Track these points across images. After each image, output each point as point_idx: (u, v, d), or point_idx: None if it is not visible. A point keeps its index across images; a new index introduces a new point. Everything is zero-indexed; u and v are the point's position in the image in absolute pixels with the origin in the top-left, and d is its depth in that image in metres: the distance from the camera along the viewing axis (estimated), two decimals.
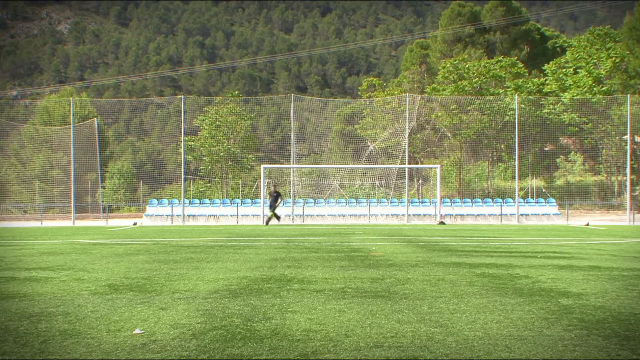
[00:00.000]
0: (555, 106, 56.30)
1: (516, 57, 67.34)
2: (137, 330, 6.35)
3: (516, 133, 47.35)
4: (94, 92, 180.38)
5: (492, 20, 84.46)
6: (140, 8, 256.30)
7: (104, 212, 50.82)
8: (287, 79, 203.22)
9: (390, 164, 51.18)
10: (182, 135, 47.60)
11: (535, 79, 63.60)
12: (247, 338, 5.94)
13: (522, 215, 46.02)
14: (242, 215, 46.38)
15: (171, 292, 8.84)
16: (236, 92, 78.01)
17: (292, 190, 48.76)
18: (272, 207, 40.18)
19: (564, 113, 55.98)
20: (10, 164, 61.73)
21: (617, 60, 58.97)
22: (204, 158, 61.67)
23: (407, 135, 48.61)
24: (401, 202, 48.38)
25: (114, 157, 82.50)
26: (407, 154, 47.87)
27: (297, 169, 53.13)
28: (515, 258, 14.19)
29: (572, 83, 59.42)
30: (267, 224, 39.70)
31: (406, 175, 49.31)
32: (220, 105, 63.36)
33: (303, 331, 6.20)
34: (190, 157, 59.12)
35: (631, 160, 49.72)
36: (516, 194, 46.69)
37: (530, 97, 56.58)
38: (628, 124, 46.72)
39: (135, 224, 42.91)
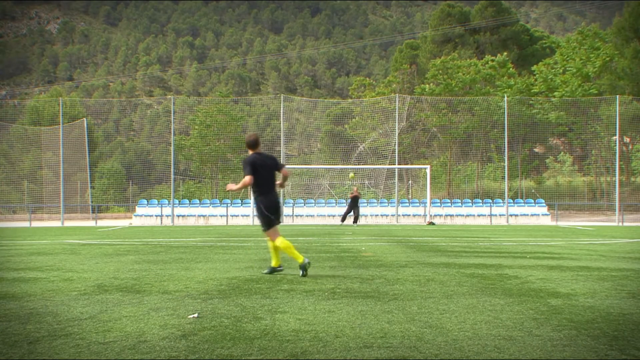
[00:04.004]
0: (544, 105, 56.44)
1: (507, 57, 67.38)
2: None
3: (505, 133, 47.42)
4: (83, 92, 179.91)
5: (481, 21, 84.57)
6: (130, 8, 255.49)
7: (93, 212, 50.66)
8: (276, 80, 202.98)
9: (380, 164, 51.18)
10: (172, 136, 47.51)
11: (525, 79, 63.64)
12: (237, 338, 5.93)
13: (511, 215, 46.11)
14: (231, 216, 46.36)
15: (161, 293, 8.82)
16: (225, 89, 78.05)
17: (281, 191, 48.73)
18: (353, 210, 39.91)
19: (553, 111, 56.08)
20: None
21: (607, 60, 59.13)
22: (194, 158, 61.59)
23: (396, 135, 48.63)
24: (391, 203, 48.42)
25: (103, 157, 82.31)
26: (396, 154, 47.89)
27: (287, 169, 53.02)
28: (505, 258, 14.23)
29: (560, 82, 59.51)
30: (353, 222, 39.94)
31: (396, 175, 49.35)
32: (209, 105, 63.29)
33: (293, 331, 6.20)
34: (180, 156, 58.99)
35: (620, 161, 49.86)
36: (506, 195, 46.78)
37: (519, 96, 56.62)
38: (617, 124, 46.85)
39: (130, 224, 42.94)
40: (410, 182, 61.21)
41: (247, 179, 10.78)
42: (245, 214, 45.84)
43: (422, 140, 64.50)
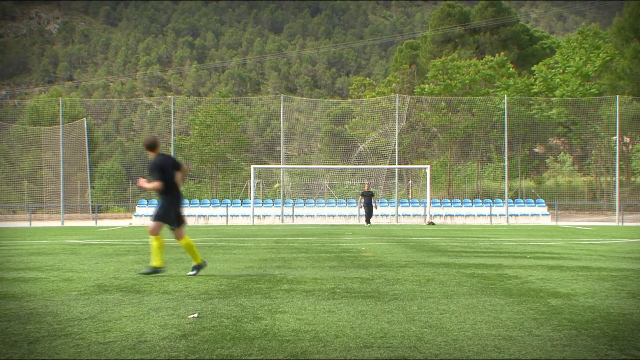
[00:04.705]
0: (542, 104, 56.37)
1: (505, 57, 67.35)
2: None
3: (505, 133, 47.42)
4: (83, 92, 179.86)
5: (481, 20, 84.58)
6: (130, 8, 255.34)
7: (93, 212, 50.66)
8: (276, 80, 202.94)
9: (380, 164, 51.17)
10: (172, 136, 47.50)
11: (525, 79, 63.59)
12: (237, 338, 5.93)
13: (511, 215, 46.11)
14: (231, 216, 46.35)
15: (160, 293, 8.82)
16: (225, 89, 78.07)
17: (282, 191, 48.75)
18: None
19: (553, 109, 55.99)
20: None
21: (607, 60, 59.08)
22: (194, 158, 61.54)
23: (396, 135, 48.63)
24: (391, 203, 48.41)
25: (103, 157, 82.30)
26: (396, 154, 47.90)
27: (287, 169, 53.10)
28: (505, 258, 14.23)
29: (560, 82, 59.46)
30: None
31: (396, 175, 49.34)
32: (209, 105, 63.30)
33: (293, 331, 6.20)
34: (180, 157, 58.92)
35: (620, 161, 49.85)
36: (506, 195, 46.77)
37: (519, 96, 56.57)
38: (617, 124, 46.84)
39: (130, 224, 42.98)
40: (410, 182, 61.21)
41: (157, 184, 11.15)
42: (245, 214, 45.84)
43: (422, 140, 64.49)
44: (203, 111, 61.52)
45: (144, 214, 47.02)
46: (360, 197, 40.12)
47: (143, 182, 11.38)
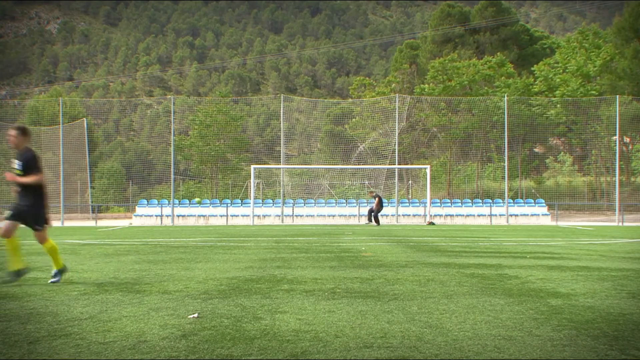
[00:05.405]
0: (543, 103, 56.40)
1: (504, 57, 67.33)
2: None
3: (505, 133, 47.41)
4: (83, 92, 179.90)
5: (481, 20, 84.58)
6: (130, 8, 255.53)
7: (93, 212, 50.67)
8: (276, 80, 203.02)
9: (380, 164, 51.18)
10: (172, 136, 47.50)
11: (524, 79, 63.57)
12: (237, 338, 5.92)
13: (511, 215, 46.11)
14: (231, 216, 46.36)
15: (161, 293, 8.82)
16: (225, 89, 78.03)
17: (281, 191, 48.74)
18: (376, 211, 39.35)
19: (553, 109, 56.03)
20: None
21: (607, 60, 59.08)
22: (194, 158, 61.56)
23: (396, 135, 48.63)
24: (391, 203, 48.40)
25: (103, 157, 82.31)
26: (396, 154, 47.90)
27: (287, 169, 53.10)
28: (505, 258, 14.22)
29: (560, 81, 59.47)
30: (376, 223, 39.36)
31: (396, 175, 49.33)
32: (209, 105, 63.33)
33: (293, 331, 6.20)
34: (180, 156, 58.95)
35: (620, 161, 49.84)
36: (506, 195, 46.76)
37: (519, 96, 56.55)
38: (617, 124, 46.84)
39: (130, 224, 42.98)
40: (410, 182, 61.22)
41: (41, 176, 10.17)
42: (245, 214, 45.85)
43: (422, 140, 64.47)
44: (203, 111, 61.52)
45: (144, 214, 47.04)
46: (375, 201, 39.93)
47: (13, 176, 10.18)
